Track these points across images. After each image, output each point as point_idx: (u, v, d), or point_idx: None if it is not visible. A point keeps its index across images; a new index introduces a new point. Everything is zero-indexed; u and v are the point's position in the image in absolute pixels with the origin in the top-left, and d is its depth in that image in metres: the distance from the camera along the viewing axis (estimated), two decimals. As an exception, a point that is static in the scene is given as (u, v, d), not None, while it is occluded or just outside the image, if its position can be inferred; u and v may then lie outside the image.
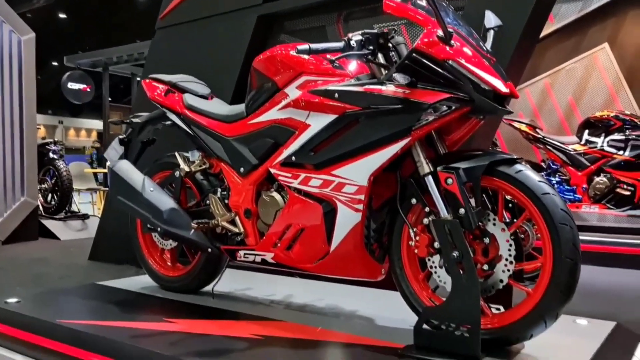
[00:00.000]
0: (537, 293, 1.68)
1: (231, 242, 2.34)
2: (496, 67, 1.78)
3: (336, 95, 1.91)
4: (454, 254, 1.71)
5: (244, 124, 2.28)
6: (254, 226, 2.25)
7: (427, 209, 1.83)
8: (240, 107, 2.34)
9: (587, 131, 5.27)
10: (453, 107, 1.75)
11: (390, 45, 1.91)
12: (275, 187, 2.18)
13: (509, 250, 1.73)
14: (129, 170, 2.57)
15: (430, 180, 1.81)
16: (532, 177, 1.72)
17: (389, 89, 1.80)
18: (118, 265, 3.64)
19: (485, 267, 1.76)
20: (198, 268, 2.55)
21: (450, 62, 1.72)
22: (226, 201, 2.34)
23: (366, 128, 1.86)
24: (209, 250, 2.36)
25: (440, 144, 1.90)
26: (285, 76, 2.10)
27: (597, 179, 5.02)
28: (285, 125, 2.10)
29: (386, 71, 1.86)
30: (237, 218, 2.27)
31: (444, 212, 1.77)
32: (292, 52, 2.08)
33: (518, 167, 1.75)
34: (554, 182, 5.23)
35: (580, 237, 1.67)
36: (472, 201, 1.77)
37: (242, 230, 2.26)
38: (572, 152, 5.14)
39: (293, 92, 2.06)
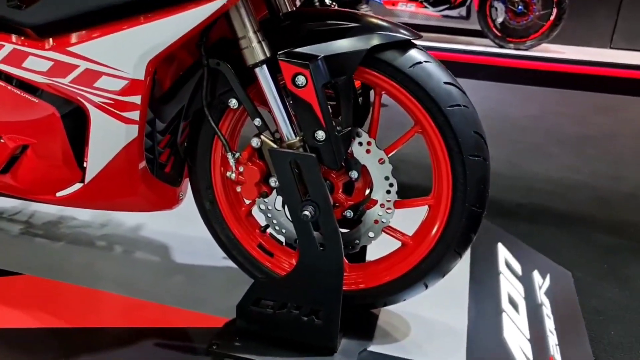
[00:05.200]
0: (420, 246, 1.12)
1: None
2: None
3: None
4: (307, 212, 1.01)
5: None
6: None
7: (257, 121, 1.05)
8: None
9: None
10: None
11: None
12: (-43, 56, 1.12)
13: (388, 191, 1.09)
14: None
15: (265, 73, 0.99)
16: (437, 75, 1.01)
17: None
18: None
19: (349, 213, 1.12)
20: None
21: None
22: None
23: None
24: None
25: (279, -7, 1.06)
26: None
27: (417, -29, 4.44)
28: None
29: None
30: None
31: (289, 134, 1.02)
32: None
33: (414, 55, 1.01)
34: (372, -28, 4.53)
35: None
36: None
37: None
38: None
39: None
